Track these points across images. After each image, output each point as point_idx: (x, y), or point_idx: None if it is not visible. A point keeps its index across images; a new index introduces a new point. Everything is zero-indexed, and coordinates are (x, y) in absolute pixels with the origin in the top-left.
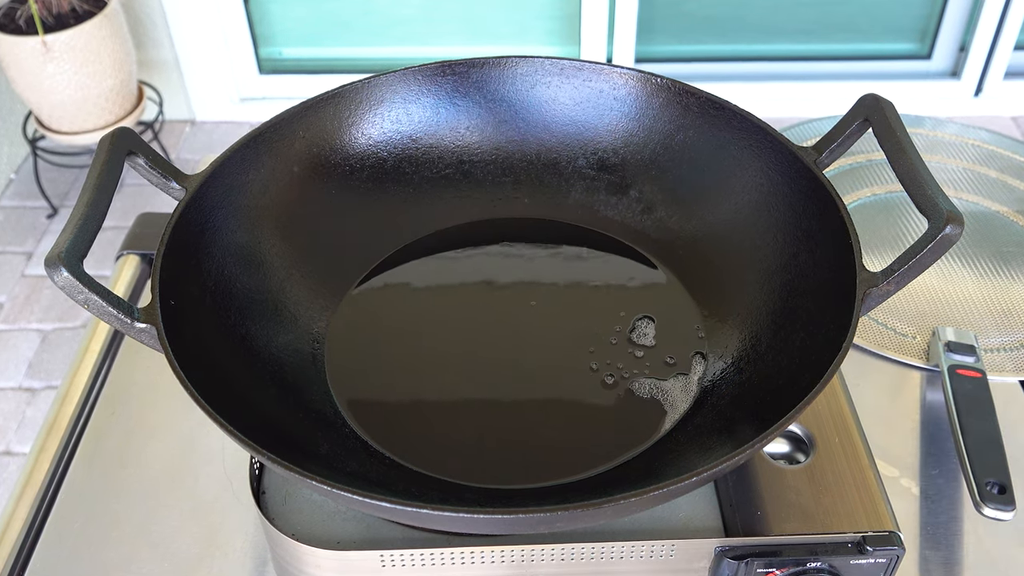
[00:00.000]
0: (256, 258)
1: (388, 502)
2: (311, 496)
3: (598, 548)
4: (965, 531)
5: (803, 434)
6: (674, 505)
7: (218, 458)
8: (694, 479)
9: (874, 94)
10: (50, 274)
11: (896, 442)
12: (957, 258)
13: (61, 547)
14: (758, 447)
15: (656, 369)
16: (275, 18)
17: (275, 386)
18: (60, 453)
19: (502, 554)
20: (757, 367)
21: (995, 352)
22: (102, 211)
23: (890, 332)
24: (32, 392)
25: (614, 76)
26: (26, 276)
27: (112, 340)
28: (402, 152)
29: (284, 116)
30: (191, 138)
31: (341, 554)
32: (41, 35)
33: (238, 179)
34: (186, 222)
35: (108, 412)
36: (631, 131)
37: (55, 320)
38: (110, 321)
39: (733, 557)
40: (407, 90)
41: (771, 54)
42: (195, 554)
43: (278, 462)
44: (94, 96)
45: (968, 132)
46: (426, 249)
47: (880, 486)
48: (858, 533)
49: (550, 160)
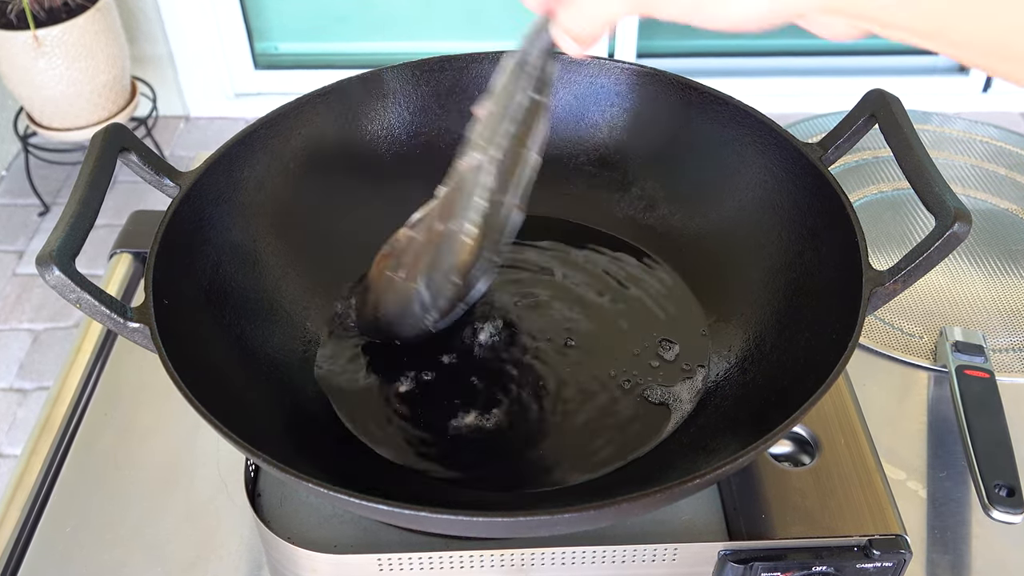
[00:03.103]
0: (251, 257)
1: (386, 505)
2: (307, 499)
3: (599, 551)
4: (973, 534)
5: (808, 436)
6: (677, 508)
7: (213, 460)
8: (697, 481)
9: (880, 89)
10: (42, 273)
11: (903, 444)
12: (965, 256)
13: (53, 551)
14: (762, 449)
15: (657, 369)
16: (271, 12)
17: (270, 387)
18: (52, 455)
19: (502, 558)
20: (761, 367)
21: (1004, 352)
22: (94, 209)
23: (897, 332)
24: (23, 393)
25: (616, 71)
26: (17, 275)
27: (105, 340)
28: (400, 149)
29: (280, 112)
30: (185, 135)
31: (338, 558)
32: (33, 29)
33: (233, 176)
34: (180, 220)
35: (101, 413)
36: (633, 127)
37: (47, 320)
38: (103, 321)
39: (737, 561)
40: (405, 86)
41: (776, 49)
42: (190, 557)
43: (274, 464)
44: (86, 92)
45: (976, 128)
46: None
47: (886, 489)
48: (864, 536)
49: (551, 156)
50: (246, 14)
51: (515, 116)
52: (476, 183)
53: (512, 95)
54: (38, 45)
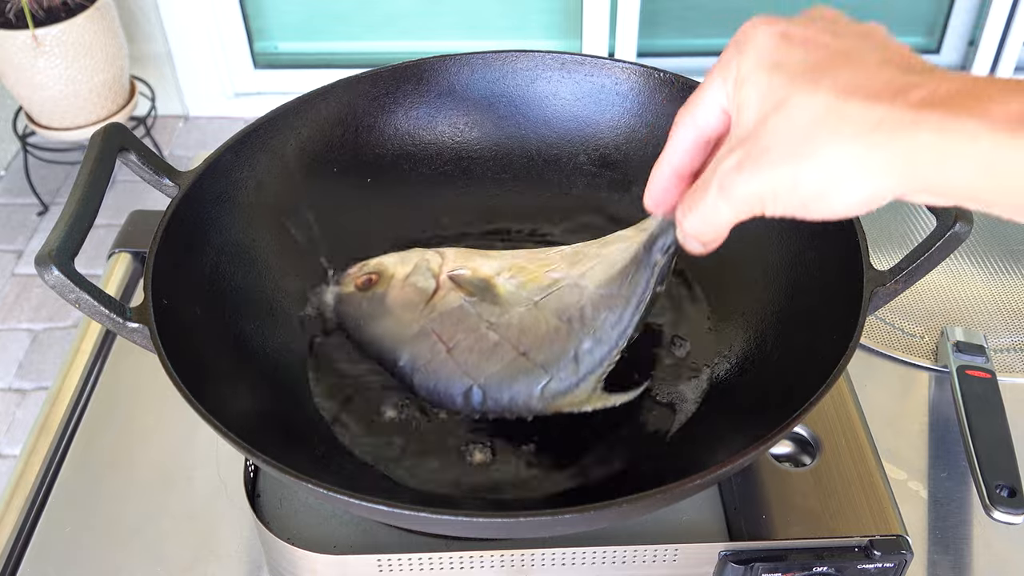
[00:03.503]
0: (250, 256)
1: (386, 505)
2: (307, 499)
3: (599, 552)
4: (974, 535)
5: (809, 436)
6: (677, 509)
7: (212, 460)
8: (697, 482)
9: None
10: (40, 273)
11: (904, 444)
12: (966, 256)
13: (52, 552)
14: (763, 449)
15: (657, 369)
16: (270, 11)
17: (269, 387)
18: (51, 456)
19: (502, 558)
20: (762, 367)
21: (1005, 352)
22: (93, 208)
23: (898, 332)
24: (22, 393)
25: (616, 70)
26: (16, 275)
27: (104, 340)
28: (400, 148)
29: (279, 112)
30: (184, 134)
31: (338, 558)
32: (31, 29)
33: (232, 176)
34: (179, 220)
35: (100, 413)
36: (634, 127)
37: (46, 320)
38: (102, 321)
39: (737, 561)
40: (405, 85)
41: None
42: (189, 558)
43: (273, 464)
44: (85, 91)
45: None
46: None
47: (887, 489)
48: (865, 537)
49: (551, 156)
50: (245, 13)
51: (640, 305)
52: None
53: (635, 286)
54: (37, 44)
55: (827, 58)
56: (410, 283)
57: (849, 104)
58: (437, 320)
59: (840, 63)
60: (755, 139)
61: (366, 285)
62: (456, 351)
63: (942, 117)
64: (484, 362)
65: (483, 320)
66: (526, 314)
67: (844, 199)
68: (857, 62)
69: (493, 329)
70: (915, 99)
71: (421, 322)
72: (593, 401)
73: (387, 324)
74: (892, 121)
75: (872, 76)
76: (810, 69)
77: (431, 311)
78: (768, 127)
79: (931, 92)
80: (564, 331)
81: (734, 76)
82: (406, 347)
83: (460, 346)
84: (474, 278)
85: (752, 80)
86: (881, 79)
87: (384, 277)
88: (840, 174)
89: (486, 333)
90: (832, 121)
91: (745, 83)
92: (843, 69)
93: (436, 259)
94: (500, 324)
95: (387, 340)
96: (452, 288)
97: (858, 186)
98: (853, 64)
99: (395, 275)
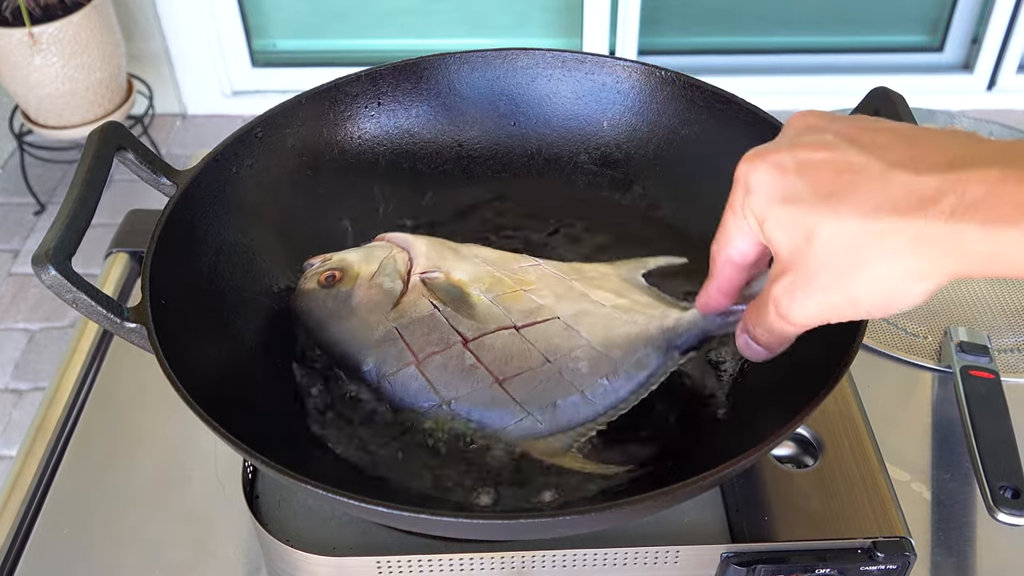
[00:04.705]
0: (249, 256)
1: (385, 507)
2: (306, 501)
3: (600, 554)
4: (978, 536)
5: (811, 437)
6: (679, 510)
7: (210, 461)
8: (699, 483)
9: (885, 87)
10: (37, 272)
11: (907, 445)
12: None
13: (49, 554)
14: (765, 450)
15: None
16: (269, 9)
17: (268, 387)
18: (48, 457)
19: (502, 560)
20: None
21: (1009, 353)
22: (91, 208)
23: (901, 332)
24: (19, 394)
25: (617, 69)
26: (12, 274)
27: (101, 340)
28: (399, 147)
29: (278, 110)
30: (182, 132)
31: (337, 560)
32: (28, 27)
33: (230, 175)
34: (177, 219)
35: (97, 414)
36: (635, 125)
37: (42, 320)
38: (99, 321)
39: (739, 563)
40: (404, 83)
41: (779, 46)
42: (187, 560)
43: (271, 466)
44: (82, 89)
45: (981, 126)
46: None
47: (891, 490)
48: (868, 539)
49: (551, 155)
50: (243, 11)
51: (640, 388)
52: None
53: (641, 369)
54: (34, 42)
55: (830, 180)
56: (376, 283)
57: (879, 223)
58: (406, 326)
59: (845, 184)
60: (799, 267)
61: (329, 282)
62: (427, 366)
63: (982, 229)
64: (457, 382)
65: (455, 333)
66: (509, 340)
67: (909, 300)
68: (861, 176)
69: (469, 348)
70: (947, 209)
71: (387, 325)
72: (567, 460)
73: (351, 325)
74: (932, 234)
75: (884, 190)
76: (823, 197)
77: (399, 315)
78: (809, 257)
79: (959, 199)
80: (552, 375)
81: (753, 215)
82: (371, 351)
83: (433, 362)
84: (447, 284)
85: (771, 217)
86: (896, 190)
87: (349, 275)
88: (898, 285)
89: (461, 352)
90: (870, 242)
91: (766, 221)
92: (853, 191)
93: (403, 257)
94: (478, 345)
95: (352, 343)
96: (422, 292)
97: (919, 289)
98: (857, 180)
99: (360, 273)
